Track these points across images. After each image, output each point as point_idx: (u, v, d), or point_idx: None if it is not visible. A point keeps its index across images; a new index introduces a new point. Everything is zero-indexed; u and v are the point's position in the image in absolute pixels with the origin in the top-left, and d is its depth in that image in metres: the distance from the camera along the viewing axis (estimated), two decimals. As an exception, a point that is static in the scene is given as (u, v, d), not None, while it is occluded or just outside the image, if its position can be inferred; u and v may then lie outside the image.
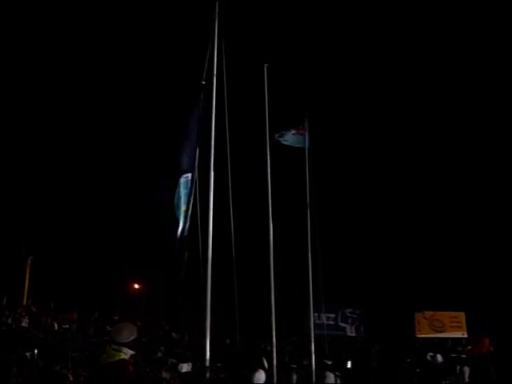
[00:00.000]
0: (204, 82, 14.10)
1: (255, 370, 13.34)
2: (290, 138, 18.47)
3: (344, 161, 28.20)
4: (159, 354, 22.25)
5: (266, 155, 15.97)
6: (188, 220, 13.11)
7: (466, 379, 14.72)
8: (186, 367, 18.94)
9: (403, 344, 29.09)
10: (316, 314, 24.52)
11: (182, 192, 13.37)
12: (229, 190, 14.34)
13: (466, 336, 30.97)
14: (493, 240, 30.30)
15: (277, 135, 18.06)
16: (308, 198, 18.19)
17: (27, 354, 18.57)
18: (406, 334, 30.58)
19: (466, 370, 14.98)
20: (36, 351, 18.71)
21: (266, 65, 16.78)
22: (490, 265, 29.91)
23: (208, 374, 13.27)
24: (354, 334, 32.67)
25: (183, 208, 13.32)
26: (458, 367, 17.93)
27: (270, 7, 24.23)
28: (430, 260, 31.26)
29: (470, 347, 30.42)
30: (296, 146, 18.47)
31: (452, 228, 31.01)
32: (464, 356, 20.00)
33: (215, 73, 14.51)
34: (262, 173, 15.64)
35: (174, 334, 27.98)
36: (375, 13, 29.16)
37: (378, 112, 29.94)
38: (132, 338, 7.70)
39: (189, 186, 13.45)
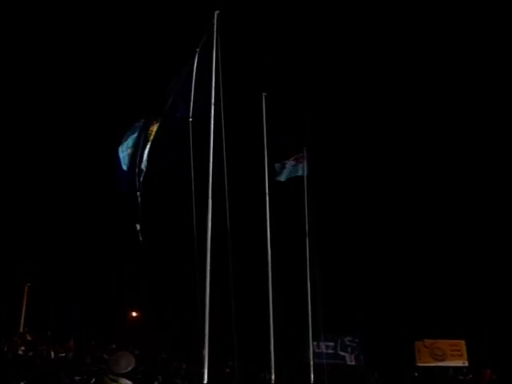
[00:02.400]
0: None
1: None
2: (288, 169, 18.55)
3: (342, 188, 28.20)
4: (157, 384, 22.05)
5: (265, 184, 16.00)
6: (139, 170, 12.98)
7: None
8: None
9: (403, 373, 28.88)
10: (315, 343, 24.38)
11: (131, 136, 13.24)
12: (226, 217, 14.33)
13: (466, 365, 30.84)
14: (493, 267, 30.22)
15: (277, 166, 18.18)
16: (307, 226, 18.20)
17: (22, 383, 18.38)
18: (406, 362, 30.39)
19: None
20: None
21: (264, 94, 16.90)
22: (490, 291, 29.79)
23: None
24: (353, 363, 32.35)
25: (128, 151, 13.16)
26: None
27: (269, 36, 24.46)
28: (429, 287, 31.13)
29: (471, 376, 30.44)
30: (294, 175, 18.54)
31: (450, 256, 30.94)
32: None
33: (213, 102, 14.58)
34: (260, 201, 15.64)
35: (172, 363, 27.74)
36: (370, 43, 29.40)
37: (375, 138, 30.06)
38: (130, 368, 7.57)
39: (137, 130, 13.37)
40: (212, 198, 13.96)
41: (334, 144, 26.92)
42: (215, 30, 14.74)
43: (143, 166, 13.04)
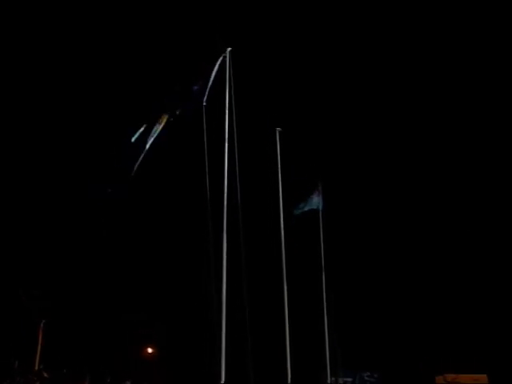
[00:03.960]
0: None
1: None
2: (305, 203, 18.51)
3: (357, 221, 28.03)
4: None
5: (280, 219, 15.91)
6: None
7: None
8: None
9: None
10: (333, 379, 23.96)
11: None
12: (242, 252, 14.21)
13: (489, 400, 30.15)
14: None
15: (299, 207, 18.17)
16: (323, 260, 18.03)
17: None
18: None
19: None
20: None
21: (278, 129, 16.92)
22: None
23: None
24: (372, 399, 31.81)
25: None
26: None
27: (283, 73, 24.61)
28: (450, 320, 30.68)
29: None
30: (310, 208, 18.47)
31: (471, 290, 30.54)
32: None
33: (227, 138, 14.56)
34: (275, 236, 15.53)
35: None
36: (386, 78, 29.55)
37: (390, 172, 29.99)
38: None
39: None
40: (227, 232, 13.89)
41: (349, 177, 26.88)
42: (228, 66, 14.81)
43: (148, 144, 13.55)
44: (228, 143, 14.47)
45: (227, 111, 14.65)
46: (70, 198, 31.33)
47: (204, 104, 14.22)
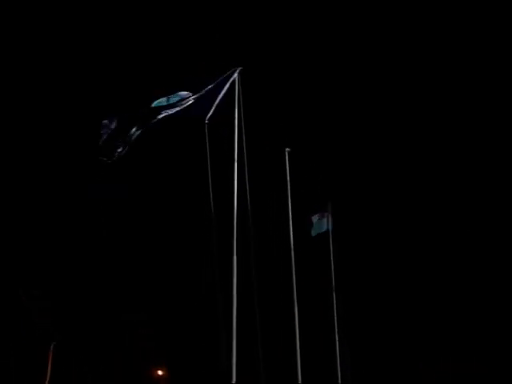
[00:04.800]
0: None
1: None
2: (315, 225, 18.55)
3: (368, 241, 28.14)
4: None
5: (290, 240, 15.92)
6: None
7: None
8: None
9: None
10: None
11: None
12: (252, 274, 14.24)
13: None
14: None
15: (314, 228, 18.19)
16: (333, 281, 18.08)
17: None
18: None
19: None
20: None
21: (287, 149, 16.90)
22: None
23: None
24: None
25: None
26: None
27: (291, 93, 24.55)
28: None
29: None
30: (320, 231, 18.53)
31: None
32: None
33: (236, 158, 14.49)
34: (285, 257, 15.56)
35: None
36: (397, 102, 29.58)
37: (399, 192, 30.07)
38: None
39: None
40: (237, 254, 13.91)
41: (358, 198, 26.95)
42: (237, 86, 14.73)
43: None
44: (237, 164, 14.45)
45: (236, 131, 14.61)
46: (70, 198, 31.35)
47: (206, 122, 14.19)
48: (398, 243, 30.65)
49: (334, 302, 18.05)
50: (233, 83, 14.83)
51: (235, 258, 13.93)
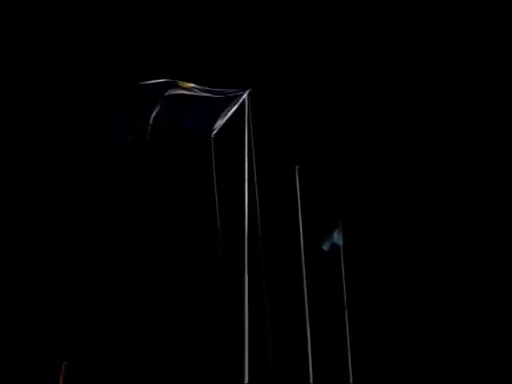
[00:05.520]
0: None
1: None
2: (328, 240, 18.61)
3: (380, 257, 28.19)
4: None
5: (301, 258, 15.97)
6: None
7: None
8: None
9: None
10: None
11: None
12: (263, 290, 14.25)
13: None
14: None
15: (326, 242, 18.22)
16: (345, 299, 18.16)
17: None
18: None
19: None
20: None
21: (297, 167, 16.88)
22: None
23: None
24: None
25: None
26: None
27: (301, 110, 24.44)
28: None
29: None
30: (332, 247, 18.57)
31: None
32: None
33: (246, 178, 14.42)
34: (297, 274, 15.59)
35: None
36: (408, 120, 29.55)
37: (412, 209, 30.10)
38: None
39: None
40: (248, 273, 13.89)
41: (370, 213, 26.95)
42: (247, 107, 14.62)
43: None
44: (248, 181, 14.39)
45: (246, 150, 14.53)
46: (70, 198, 31.20)
47: (212, 136, 14.13)
48: (399, 241, 30.84)
49: (347, 321, 18.12)
50: (242, 103, 14.73)
51: (246, 277, 13.88)
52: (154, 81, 13.97)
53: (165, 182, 30.12)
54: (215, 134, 14.14)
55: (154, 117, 13.70)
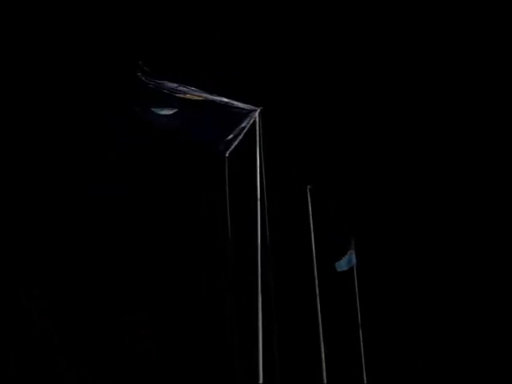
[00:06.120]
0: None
1: None
2: (341, 260, 18.67)
3: (394, 279, 28.23)
4: None
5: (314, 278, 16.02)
6: None
7: None
8: None
9: None
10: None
11: None
12: (273, 313, 14.28)
13: None
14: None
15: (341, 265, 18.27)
16: (359, 319, 18.26)
17: None
18: None
19: None
20: None
21: (308, 187, 16.87)
22: None
23: None
24: None
25: None
26: None
27: (313, 129, 24.33)
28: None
29: None
30: (344, 268, 18.64)
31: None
32: None
33: (259, 197, 14.37)
34: (310, 295, 15.63)
35: None
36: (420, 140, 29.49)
37: (426, 228, 30.14)
38: None
39: None
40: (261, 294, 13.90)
41: (383, 233, 26.95)
42: (258, 127, 14.52)
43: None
44: (260, 202, 14.33)
45: (258, 170, 14.43)
46: (70, 198, 31.09)
47: (226, 155, 14.04)
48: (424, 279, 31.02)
49: (361, 341, 18.22)
50: (253, 122, 14.61)
51: (260, 297, 13.76)
52: (160, 80, 13.82)
53: (165, 182, 30.06)
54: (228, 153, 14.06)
55: (160, 117, 13.57)
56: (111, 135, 23.45)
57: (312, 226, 17.08)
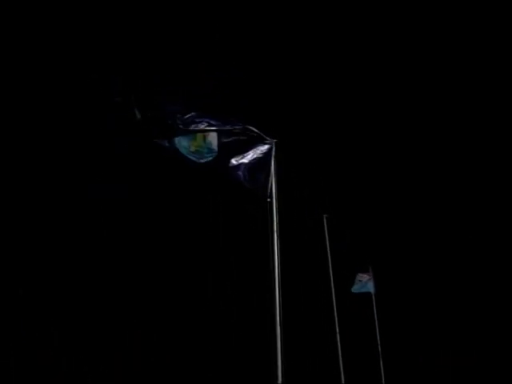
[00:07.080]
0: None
1: None
2: (358, 285, 18.74)
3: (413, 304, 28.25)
4: None
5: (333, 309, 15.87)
6: None
7: None
8: None
9: None
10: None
11: None
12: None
13: None
14: None
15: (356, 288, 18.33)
16: (379, 348, 18.21)
17: None
18: None
19: None
20: None
21: (325, 215, 16.78)
22: None
23: None
24: None
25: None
26: None
27: (328, 158, 24.23)
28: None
29: None
30: (361, 291, 18.66)
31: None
32: None
33: (276, 229, 14.05)
34: (328, 320, 15.57)
35: None
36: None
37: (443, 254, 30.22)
38: None
39: None
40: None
41: (401, 261, 26.89)
42: (273, 157, 14.26)
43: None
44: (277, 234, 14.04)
45: (275, 201, 14.07)
46: (70, 198, 31.09)
47: (268, 200, 13.61)
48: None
49: (382, 370, 18.16)
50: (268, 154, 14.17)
51: (279, 328, 13.30)
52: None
53: (166, 183, 30.09)
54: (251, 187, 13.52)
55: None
56: (111, 135, 23.36)
57: (329, 255, 17.03)
